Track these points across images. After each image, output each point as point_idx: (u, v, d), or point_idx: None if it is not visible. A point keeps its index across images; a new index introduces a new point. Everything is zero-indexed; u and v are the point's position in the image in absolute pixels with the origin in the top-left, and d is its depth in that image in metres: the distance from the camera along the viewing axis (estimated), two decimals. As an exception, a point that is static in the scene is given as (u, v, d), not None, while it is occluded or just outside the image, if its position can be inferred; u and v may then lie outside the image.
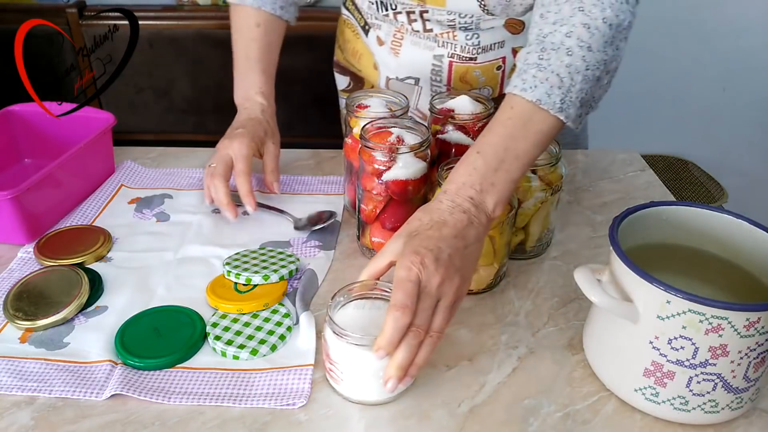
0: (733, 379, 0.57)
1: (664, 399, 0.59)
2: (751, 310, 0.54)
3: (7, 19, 1.63)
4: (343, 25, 1.06)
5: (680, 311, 0.55)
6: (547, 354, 0.67)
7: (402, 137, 0.75)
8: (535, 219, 0.78)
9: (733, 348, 0.56)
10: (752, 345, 0.56)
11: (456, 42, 0.92)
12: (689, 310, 0.55)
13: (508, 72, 0.95)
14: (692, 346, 0.56)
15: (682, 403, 0.59)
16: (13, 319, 0.68)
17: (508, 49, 0.94)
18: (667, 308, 0.56)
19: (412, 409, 0.61)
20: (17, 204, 0.78)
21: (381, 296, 0.63)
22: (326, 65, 1.40)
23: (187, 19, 1.75)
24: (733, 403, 0.59)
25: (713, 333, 0.55)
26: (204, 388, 0.62)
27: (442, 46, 0.92)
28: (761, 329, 0.55)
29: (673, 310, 0.55)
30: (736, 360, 0.56)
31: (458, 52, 0.92)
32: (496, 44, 0.92)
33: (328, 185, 0.96)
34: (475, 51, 0.91)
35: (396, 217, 0.76)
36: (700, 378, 0.57)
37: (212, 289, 0.73)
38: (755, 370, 0.58)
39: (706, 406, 0.59)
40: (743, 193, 1.94)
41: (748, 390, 0.59)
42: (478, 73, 0.93)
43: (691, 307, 0.55)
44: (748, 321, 0.54)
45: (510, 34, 0.92)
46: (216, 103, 1.84)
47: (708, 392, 0.58)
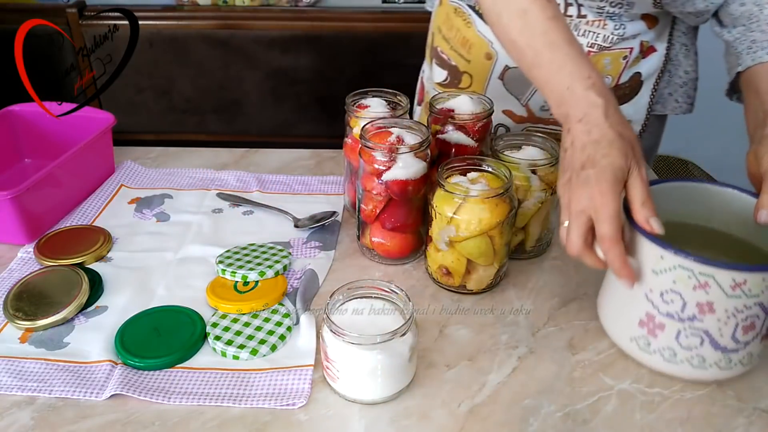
0: (721, 337, 0.59)
1: (654, 349, 0.62)
2: (737, 270, 0.56)
3: (7, 19, 1.63)
4: (452, 14, 1.01)
5: (671, 266, 0.58)
6: (547, 354, 0.67)
7: (402, 137, 0.75)
8: (535, 219, 0.79)
9: (720, 307, 0.58)
10: (739, 306, 0.58)
11: (603, 31, 0.90)
12: (679, 266, 0.58)
13: (630, 62, 0.94)
14: (681, 300, 0.59)
15: (671, 355, 0.62)
16: (13, 319, 0.68)
17: (638, 41, 0.93)
18: (660, 263, 0.59)
19: (412, 409, 0.61)
20: (17, 204, 0.78)
21: (380, 296, 0.63)
22: (326, 65, 1.41)
23: (187, 19, 1.75)
24: (721, 362, 0.61)
25: (700, 289, 0.58)
26: (204, 388, 0.62)
27: (583, 35, 0.90)
28: (748, 292, 0.57)
29: (666, 265, 0.59)
30: (723, 319, 0.58)
31: (600, 41, 0.91)
32: (633, 36, 0.91)
33: (328, 185, 0.96)
34: (617, 40, 0.90)
35: (396, 217, 0.76)
36: (688, 332, 0.60)
37: (212, 289, 0.73)
38: (744, 332, 0.59)
39: (694, 360, 0.61)
40: (743, 193, 1.94)
41: (737, 351, 0.61)
42: (608, 61, 0.92)
43: (681, 263, 0.57)
44: (734, 281, 0.56)
45: (646, 27, 0.92)
46: (216, 103, 1.84)
47: (695, 347, 0.60)
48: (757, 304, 0.58)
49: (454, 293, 0.75)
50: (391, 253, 0.79)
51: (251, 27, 1.74)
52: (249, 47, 1.76)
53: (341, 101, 0.84)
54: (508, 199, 0.71)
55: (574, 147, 0.63)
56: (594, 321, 0.71)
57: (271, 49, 1.75)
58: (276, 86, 1.81)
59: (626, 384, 0.63)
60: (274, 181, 0.97)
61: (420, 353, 0.66)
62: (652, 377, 0.64)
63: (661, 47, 0.95)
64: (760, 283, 0.57)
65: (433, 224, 0.72)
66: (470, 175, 0.73)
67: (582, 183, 0.60)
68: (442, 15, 1.05)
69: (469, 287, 0.74)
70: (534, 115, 1.00)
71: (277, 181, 0.97)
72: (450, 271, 0.73)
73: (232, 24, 1.74)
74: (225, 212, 0.90)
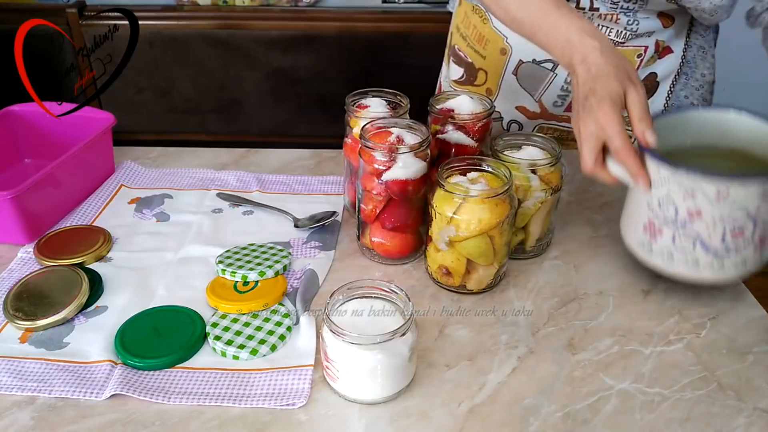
0: (711, 241, 0.65)
1: (656, 252, 0.69)
2: (719, 178, 0.62)
3: (7, 19, 1.63)
4: (470, 11, 1.04)
5: (665, 177, 0.65)
6: (547, 354, 0.67)
7: (402, 137, 0.75)
8: (535, 219, 0.79)
9: (707, 214, 0.64)
10: (725, 214, 0.63)
11: (616, 26, 0.91)
12: (671, 177, 0.64)
13: (645, 62, 0.94)
14: (674, 207, 0.65)
15: (669, 257, 0.68)
16: (13, 319, 0.68)
17: (653, 40, 0.93)
18: (657, 175, 0.65)
19: (412, 409, 0.61)
20: (17, 204, 0.78)
21: (380, 296, 0.63)
22: (326, 65, 1.41)
23: (187, 19, 1.75)
24: (714, 264, 0.67)
25: (689, 198, 0.64)
26: (204, 388, 0.62)
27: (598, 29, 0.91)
28: (732, 201, 0.62)
29: (661, 176, 0.65)
30: (711, 225, 0.64)
31: (612, 36, 0.91)
32: (647, 33, 0.92)
33: (328, 185, 0.96)
34: (630, 36, 0.91)
35: (396, 217, 0.76)
36: (681, 236, 0.66)
37: (212, 289, 0.73)
38: (734, 238, 0.65)
39: (689, 263, 0.67)
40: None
41: (728, 256, 0.66)
42: None
43: (671, 174, 0.64)
44: (717, 191, 0.62)
45: (662, 26, 0.92)
46: (216, 103, 1.84)
47: (689, 250, 0.67)
48: (743, 212, 0.63)
49: (454, 293, 0.75)
50: (391, 253, 0.79)
51: (251, 27, 1.74)
52: (249, 47, 1.76)
53: (341, 101, 0.84)
54: (508, 199, 0.71)
55: (578, 85, 0.71)
56: (594, 321, 0.71)
57: (271, 49, 1.76)
58: (276, 86, 1.81)
59: (626, 384, 0.63)
60: (274, 181, 0.97)
61: (420, 353, 0.66)
62: (652, 377, 0.64)
63: (677, 48, 0.95)
64: (742, 193, 0.62)
65: (433, 224, 0.72)
66: (470, 175, 0.73)
67: (587, 112, 0.68)
68: (461, 14, 1.06)
69: (469, 287, 0.74)
70: (547, 111, 1.01)
71: (277, 181, 0.97)
72: (450, 271, 0.73)
73: (232, 24, 1.74)
74: (225, 212, 0.90)
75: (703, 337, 0.69)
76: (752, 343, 0.69)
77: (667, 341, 0.69)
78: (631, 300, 0.75)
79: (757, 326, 0.71)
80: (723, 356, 0.67)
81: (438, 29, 1.73)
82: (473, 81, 1.04)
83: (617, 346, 0.68)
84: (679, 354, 0.67)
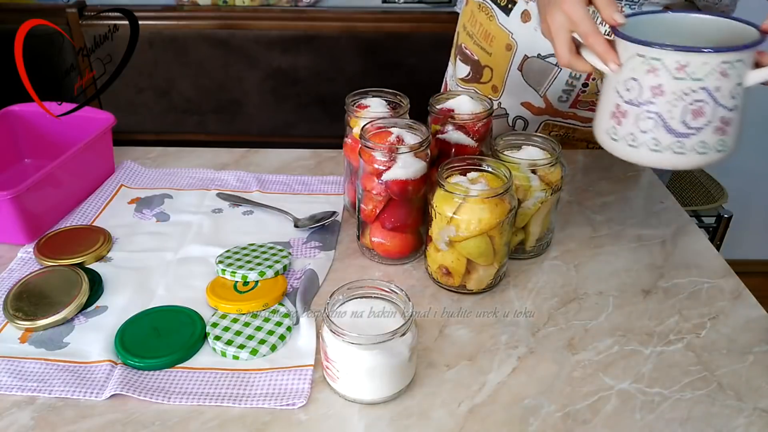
0: (672, 119, 0.66)
1: (620, 136, 0.69)
2: (680, 51, 0.64)
3: (7, 19, 1.63)
4: (476, 10, 1.05)
5: (631, 55, 0.66)
6: (547, 354, 0.67)
7: (402, 137, 0.75)
8: (535, 219, 0.79)
9: (668, 89, 0.65)
10: (685, 89, 0.65)
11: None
12: (636, 54, 0.66)
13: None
14: (638, 86, 0.67)
15: (632, 140, 0.69)
16: (13, 319, 0.68)
17: None
18: (623, 55, 0.67)
19: (412, 409, 0.61)
20: (17, 204, 0.78)
21: (380, 296, 0.63)
22: (326, 65, 1.41)
23: (187, 19, 1.75)
24: (674, 145, 0.68)
25: (651, 74, 0.65)
26: (204, 388, 0.62)
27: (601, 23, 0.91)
28: (692, 74, 0.64)
29: (627, 55, 0.67)
30: (671, 101, 0.65)
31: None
32: None
33: (328, 185, 0.96)
34: None
35: (396, 217, 0.76)
36: (644, 116, 0.67)
37: (212, 289, 0.73)
38: (694, 117, 0.66)
39: (650, 143, 0.68)
40: (743, 193, 1.93)
41: (688, 137, 0.67)
42: None
43: (636, 50, 0.66)
44: (678, 63, 0.64)
45: None
46: (216, 103, 1.84)
47: (651, 130, 0.67)
48: (702, 89, 0.65)
49: (454, 293, 0.75)
50: (391, 253, 0.79)
51: (251, 27, 1.74)
52: (249, 47, 1.76)
53: (341, 101, 0.84)
54: (508, 199, 0.71)
55: None
56: (594, 321, 0.71)
57: (271, 49, 1.76)
58: (276, 86, 1.81)
59: (626, 384, 0.63)
60: (274, 181, 0.97)
61: (420, 353, 0.66)
62: (652, 377, 0.64)
63: None
64: (701, 67, 0.64)
65: (433, 224, 0.72)
66: (470, 175, 0.73)
67: (553, 5, 0.71)
68: (467, 13, 1.08)
69: (469, 287, 0.74)
70: (552, 106, 1.01)
71: (277, 181, 0.97)
72: (450, 271, 0.73)
73: (232, 24, 1.74)
74: (225, 212, 0.90)
75: (703, 337, 0.69)
76: (752, 343, 0.69)
77: (667, 341, 0.69)
78: (631, 300, 0.75)
79: (757, 326, 0.71)
80: (723, 356, 0.67)
81: (438, 29, 1.73)
82: (479, 78, 1.05)
83: (617, 346, 0.68)
84: (679, 354, 0.67)
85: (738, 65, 0.65)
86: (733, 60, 0.65)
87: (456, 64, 1.11)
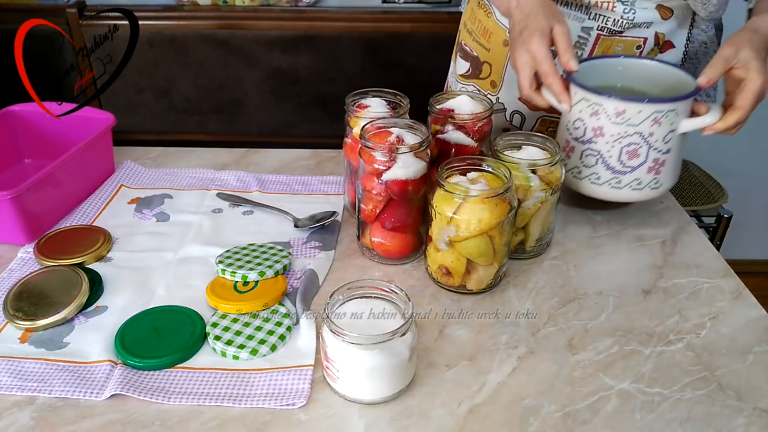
0: (610, 158, 0.78)
1: (569, 168, 0.83)
2: (619, 100, 0.75)
3: (7, 19, 1.63)
4: (476, 7, 1.06)
5: (579, 99, 0.78)
6: (547, 354, 0.67)
7: (402, 137, 0.75)
8: (535, 219, 0.79)
9: (607, 131, 0.77)
10: (622, 132, 0.76)
11: (612, 15, 0.91)
12: (582, 98, 0.77)
13: (645, 54, 0.95)
14: (583, 126, 0.78)
15: (577, 173, 0.82)
16: (13, 319, 0.68)
17: (653, 32, 0.93)
18: (575, 96, 0.78)
19: (412, 409, 0.61)
20: (17, 204, 0.78)
21: (379, 295, 0.63)
22: (326, 65, 1.41)
23: (187, 19, 1.75)
24: (612, 180, 0.80)
25: (594, 116, 0.77)
26: (204, 388, 0.62)
27: (593, 18, 0.92)
28: (628, 120, 0.75)
29: (576, 98, 0.78)
30: (610, 142, 0.77)
31: (609, 25, 0.92)
32: (645, 24, 0.92)
33: (328, 185, 0.96)
34: (628, 25, 0.92)
35: (396, 217, 0.76)
36: (587, 153, 0.79)
37: (212, 289, 0.73)
38: (629, 157, 0.77)
39: (592, 177, 0.81)
40: (743, 193, 1.93)
41: (624, 174, 0.79)
42: (620, 48, 0.94)
43: (583, 95, 0.77)
44: (616, 110, 0.75)
45: (660, 18, 0.92)
46: (216, 103, 1.84)
47: (592, 165, 0.80)
48: (637, 134, 0.75)
49: (454, 293, 0.75)
50: (391, 253, 0.79)
51: (251, 27, 1.74)
52: (249, 47, 1.75)
53: (341, 101, 0.84)
54: (508, 199, 0.71)
55: (514, 25, 0.83)
56: (594, 321, 0.71)
57: (271, 49, 1.75)
58: (276, 86, 1.81)
59: (626, 384, 0.63)
60: (274, 181, 0.97)
61: (420, 353, 0.66)
62: (652, 377, 0.64)
63: (679, 44, 0.96)
64: (637, 114, 0.74)
65: (433, 224, 0.72)
66: (470, 175, 0.73)
67: (520, 44, 0.80)
68: (468, 11, 1.09)
69: (469, 287, 0.74)
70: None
71: (277, 181, 0.97)
72: (450, 271, 0.73)
73: (232, 24, 1.74)
74: (225, 212, 0.90)
75: (703, 337, 0.69)
76: (752, 343, 0.69)
77: (667, 341, 0.69)
78: (631, 300, 0.75)
79: (757, 326, 0.71)
80: (723, 356, 0.67)
81: (438, 29, 1.73)
82: (478, 74, 1.06)
83: (617, 346, 0.68)
84: (679, 354, 0.67)
85: (670, 115, 0.75)
86: (665, 110, 0.74)
87: (456, 60, 1.12)
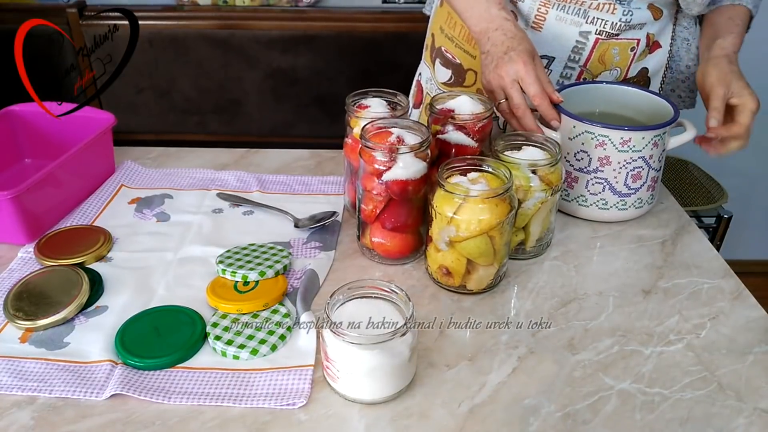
0: (617, 184, 0.83)
1: (572, 198, 0.87)
2: (624, 130, 0.80)
3: (7, 19, 1.63)
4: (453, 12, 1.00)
5: (580, 132, 0.82)
6: (547, 354, 0.67)
7: (402, 137, 0.75)
8: (535, 219, 0.79)
9: (614, 160, 0.81)
10: (627, 159, 0.81)
11: (611, 17, 0.91)
12: (586, 131, 0.81)
13: (638, 56, 0.95)
14: (588, 157, 0.83)
15: (583, 201, 0.86)
16: (13, 319, 0.68)
17: (644, 33, 0.94)
18: (573, 131, 0.83)
19: (412, 409, 0.61)
20: (17, 204, 0.78)
21: (380, 295, 0.63)
22: (326, 65, 1.41)
23: (187, 19, 1.75)
24: (618, 204, 0.85)
25: (600, 147, 0.81)
26: (204, 388, 0.62)
27: (591, 22, 0.92)
28: (633, 147, 0.80)
29: (577, 132, 0.82)
30: (617, 169, 0.82)
31: (607, 28, 0.92)
32: (639, 25, 0.93)
33: (328, 185, 0.96)
34: (624, 27, 0.92)
35: (396, 217, 0.76)
36: (594, 181, 0.84)
37: (212, 289, 0.73)
38: (633, 180, 0.83)
39: (600, 203, 0.85)
40: (743, 193, 1.93)
41: (629, 196, 0.84)
42: (617, 51, 0.94)
43: (587, 129, 0.81)
44: (622, 139, 0.80)
45: (652, 17, 0.93)
46: (216, 103, 1.84)
47: (599, 192, 0.84)
48: (641, 158, 0.81)
49: (454, 293, 0.75)
50: (391, 253, 0.79)
51: (251, 27, 1.74)
52: (249, 47, 1.76)
53: (341, 101, 0.84)
54: (508, 199, 0.71)
55: (494, 45, 0.83)
56: (594, 321, 0.71)
57: (271, 49, 1.75)
58: (276, 86, 1.81)
59: (626, 384, 0.63)
60: (274, 181, 0.97)
61: (420, 353, 0.66)
62: (652, 377, 0.64)
63: (665, 43, 0.96)
64: (641, 141, 0.80)
65: (433, 224, 0.72)
66: (470, 175, 0.73)
67: (507, 62, 0.81)
68: (443, 15, 1.05)
69: (469, 287, 0.74)
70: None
71: (277, 181, 0.97)
72: (450, 271, 0.73)
73: (232, 24, 1.74)
74: (225, 212, 0.90)
75: (703, 337, 0.69)
76: (752, 343, 0.69)
77: (667, 341, 0.69)
78: (631, 300, 0.75)
79: (757, 326, 0.71)
80: (723, 356, 0.67)
81: (438, 29, 1.73)
82: (462, 82, 1.04)
83: (617, 346, 0.68)
84: (679, 354, 0.67)
85: (665, 136, 0.82)
86: (662, 133, 0.81)
87: (435, 67, 1.08)
